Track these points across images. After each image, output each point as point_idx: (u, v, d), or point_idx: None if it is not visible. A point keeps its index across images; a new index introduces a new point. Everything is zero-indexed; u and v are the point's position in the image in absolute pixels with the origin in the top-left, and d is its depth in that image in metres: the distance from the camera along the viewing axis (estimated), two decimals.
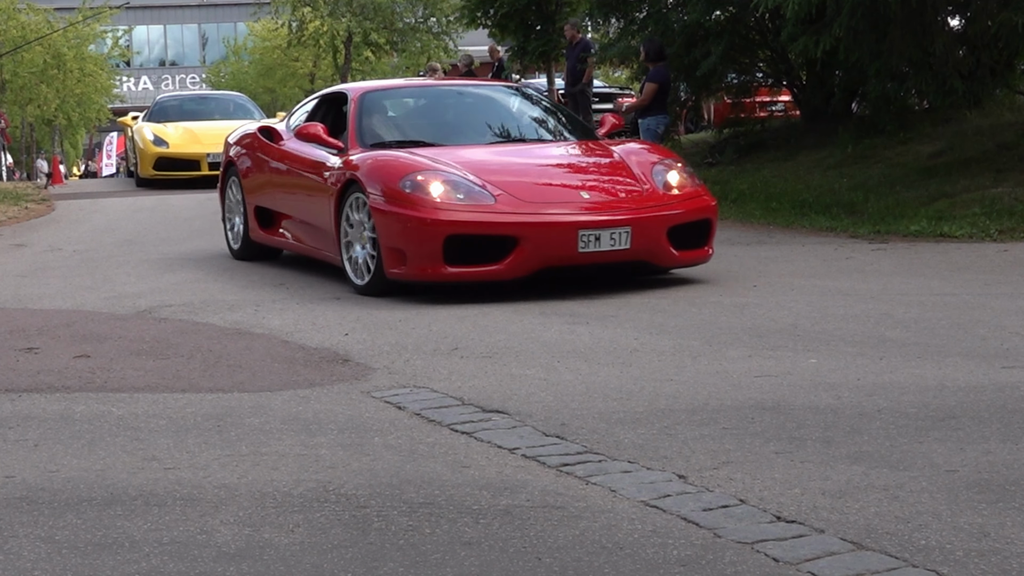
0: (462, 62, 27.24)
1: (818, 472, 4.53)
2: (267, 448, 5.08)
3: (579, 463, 4.75)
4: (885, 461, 4.65)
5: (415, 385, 6.24)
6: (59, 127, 52.57)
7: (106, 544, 3.95)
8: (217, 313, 8.59)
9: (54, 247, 13.49)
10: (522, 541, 3.90)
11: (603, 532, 3.97)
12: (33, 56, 44.68)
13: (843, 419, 5.29)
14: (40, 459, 5.00)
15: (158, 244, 13.54)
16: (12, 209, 18.18)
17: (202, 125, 23.27)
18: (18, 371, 6.79)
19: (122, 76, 60.99)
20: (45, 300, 9.46)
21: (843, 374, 6.19)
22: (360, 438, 5.21)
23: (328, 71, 49.50)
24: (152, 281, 10.44)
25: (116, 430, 5.45)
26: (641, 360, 6.70)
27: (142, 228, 15.40)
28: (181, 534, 4.03)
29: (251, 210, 11.51)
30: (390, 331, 7.75)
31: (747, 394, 5.81)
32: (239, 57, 60.27)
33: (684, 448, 4.91)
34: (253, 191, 11.52)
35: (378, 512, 4.20)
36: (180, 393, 6.21)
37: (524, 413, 5.56)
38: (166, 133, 22.77)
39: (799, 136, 18.26)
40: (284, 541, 3.95)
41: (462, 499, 4.32)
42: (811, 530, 3.92)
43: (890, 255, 10.84)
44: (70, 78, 46.81)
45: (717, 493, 4.33)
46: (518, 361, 6.75)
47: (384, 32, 41.59)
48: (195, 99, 26.80)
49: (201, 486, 4.55)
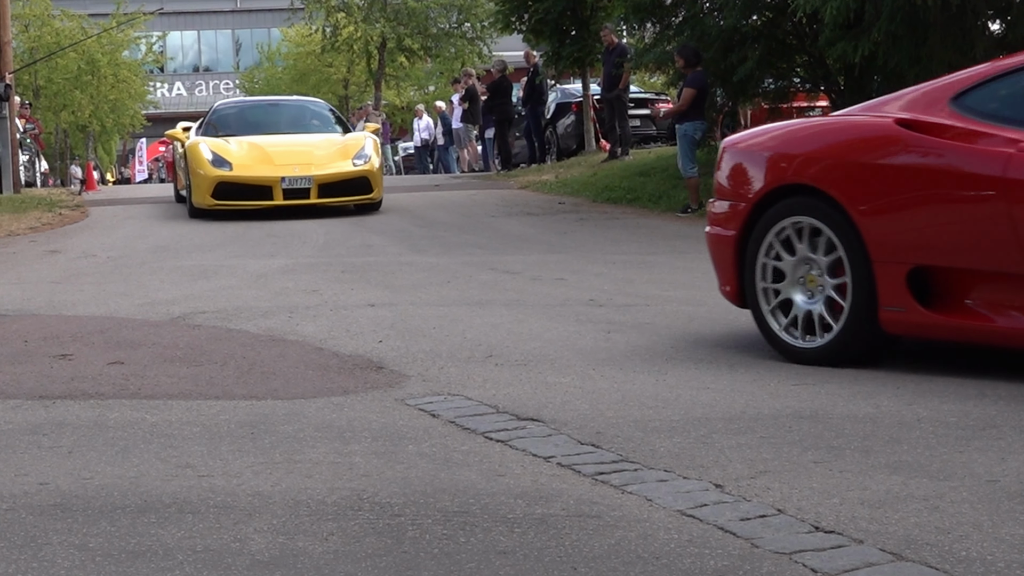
0: (496, 67, 27.28)
1: (857, 482, 4.51)
2: (301, 456, 5.09)
3: (615, 472, 4.74)
4: (925, 471, 4.62)
5: (449, 393, 6.24)
6: (93, 133, 52.88)
7: (140, 552, 3.96)
8: (251, 320, 8.61)
9: (88, 253, 13.56)
10: (557, 550, 3.89)
11: (639, 542, 3.96)
12: (67, 62, 45.06)
13: (882, 428, 5.27)
14: (74, 466, 5.02)
15: (191, 251, 13.60)
16: (46, 215, 18.31)
17: (274, 141, 18.54)
18: (52, 378, 6.83)
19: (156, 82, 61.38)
20: (79, 306, 9.51)
21: (882, 382, 6.16)
22: (394, 446, 5.22)
23: (362, 77, 49.69)
24: (186, 288, 10.48)
25: (150, 437, 5.47)
26: (677, 368, 6.69)
27: (176, 235, 15.48)
28: (215, 542, 4.04)
29: (896, 274, 6.44)
30: (424, 338, 7.76)
31: (784, 402, 5.79)
32: (273, 63, 60.54)
33: (721, 457, 4.90)
34: (899, 237, 6.47)
35: (412, 521, 4.20)
36: (214, 400, 6.22)
37: (559, 421, 5.55)
38: (228, 151, 17.88)
39: None
40: (318, 549, 3.95)
41: (497, 508, 4.32)
42: (850, 540, 3.90)
43: None
44: (104, 84, 47.17)
45: (754, 503, 4.31)
46: (553, 369, 6.74)
47: (418, 38, 41.70)
48: (262, 107, 21.60)
49: (235, 494, 4.56)
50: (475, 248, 13.34)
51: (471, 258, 12.35)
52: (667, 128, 24.25)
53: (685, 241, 13.40)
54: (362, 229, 15.49)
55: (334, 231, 15.33)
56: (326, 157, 17.87)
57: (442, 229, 15.40)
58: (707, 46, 17.11)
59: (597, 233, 14.55)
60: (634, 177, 19.52)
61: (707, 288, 9.56)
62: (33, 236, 15.84)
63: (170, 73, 68.99)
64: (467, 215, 17.35)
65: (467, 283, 10.42)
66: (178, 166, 19.94)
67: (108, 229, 16.65)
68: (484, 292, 9.82)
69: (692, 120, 15.99)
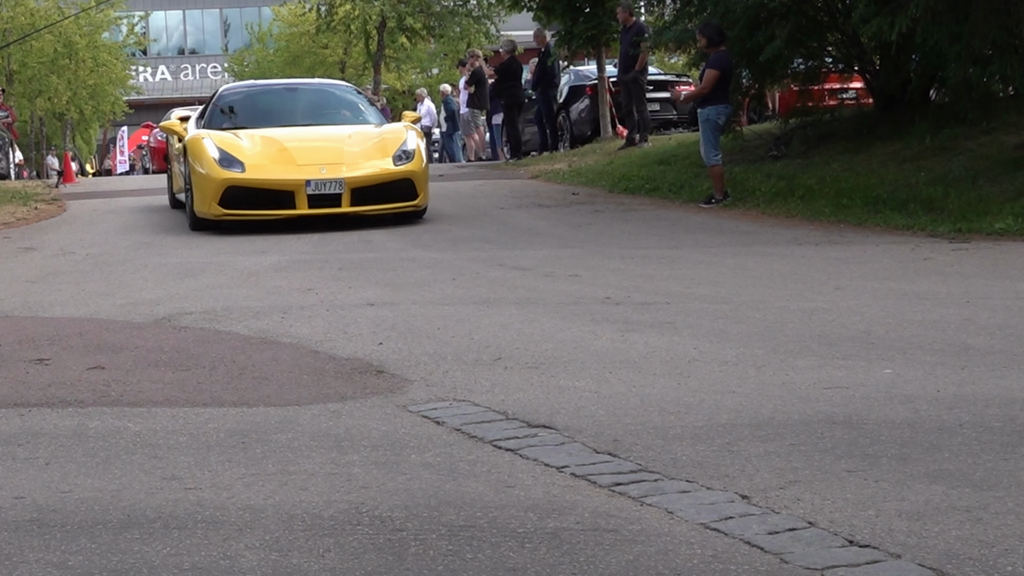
0: (504, 48, 27.28)
1: (894, 492, 4.51)
2: (295, 467, 5.10)
3: (633, 482, 4.75)
4: (967, 480, 4.62)
5: (455, 398, 6.25)
6: (71, 121, 52.98)
7: (123, 570, 3.97)
8: (241, 321, 8.63)
9: (66, 250, 13.60)
10: (571, 567, 3.90)
11: (659, 557, 3.96)
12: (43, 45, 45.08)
13: (921, 434, 5.27)
14: (52, 479, 5.04)
15: (177, 247, 13.62)
16: (21, 210, 18.35)
17: (295, 134, 16.08)
18: (28, 384, 6.84)
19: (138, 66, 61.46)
20: (56, 308, 9.54)
21: (921, 385, 6.16)
22: (395, 456, 5.23)
23: (360, 59, 49.69)
24: (171, 287, 10.51)
25: (133, 447, 5.49)
26: (700, 371, 6.69)
27: (160, 229, 15.50)
28: (203, 559, 4.05)
29: None
30: (428, 340, 7.77)
31: (816, 407, 5.79)
32: (264, 44, 60.57)
33: (747, 466, 4.90)
34: None
35: (415, 536, 4.21)
36: (202, 407, 6.24)
37: (573, 428, 5.56)
38: (239, 148, 15.37)
39: (872, 126, 18.17)
40: (314, 567, 3.96)
41: (506, 522, 4.33)
42: (886, 555, 3.91)
43: (972, 255, 10.78)
44: (82, 68, 47.20)
45: (783, 515, 4.31)
46: (567, 372, 6.75)
47: (420, 16, 41.66)
48: (277, 92, 18.51)
49: (224, 508, 4.58)
50: (482, 243, 13.35)
51: (478, 253, 12.36)
52: (688, 113, 24.25)
53: (708, 234, 13.40)
54: (360, 223, 15.49)
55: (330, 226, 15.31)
56: (360, 155, 15.44)
57: (447, 222, 15.40)
58: (731, 24, 17.09)
59: (614, 226, 14.56)
60: (653, 165, 19.52)
61: (733, 284, 9.57)
62: (6, 232, 15.88)
63: (153, 56, 69.13)
64: (474, 207, 17.35)
65: (474, 280, 10.43)
66: (174, 163, 17.72)
67: (87, 224, 16.69)
68: (492, 290, 9.83)
69: (715, 104, 15.97)
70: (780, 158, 18.08)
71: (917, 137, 16.54)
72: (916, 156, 15.97)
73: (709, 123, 15.92)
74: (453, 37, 42.69)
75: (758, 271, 10.23)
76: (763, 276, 9.95)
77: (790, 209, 14.64)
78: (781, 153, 18.41)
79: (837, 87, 21.63)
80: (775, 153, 18.45)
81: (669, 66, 37.94)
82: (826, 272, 10.10)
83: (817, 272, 10.12)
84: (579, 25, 24.36)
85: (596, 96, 25.62)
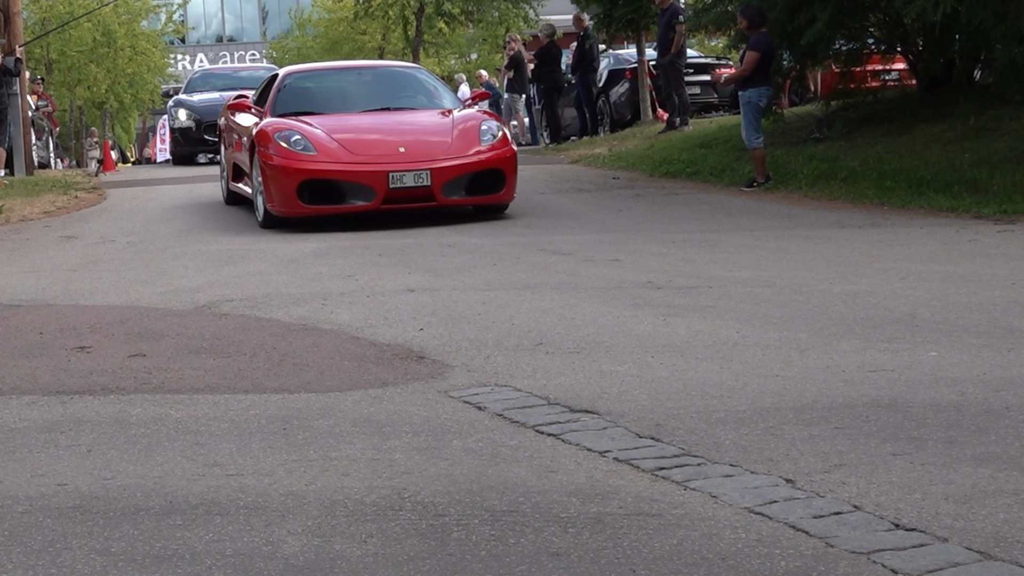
0: (544, 32, 27.22)
1: (940, 475, 4.49)
2: (337, 452, 5.11)
3: (676, 467, 4.74)
4: (1015, 463, 4.59)
5: (496, 384, 6.25)
6: (110, 110, 53.18)
7: (165, 556, 3.99)
8: (282, 308, 8.65)
9: (106, 238, 13.65)
10: (614, 552, 3.90)
11: (703, 542, 3.95)
12: (81, 34, 45.23)
13: (968, 417, 5.24)
14: (94, 466, 5.06)
15: (217, 234, 13.65)
16: (61, 199, 18.42)
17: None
18: (69, 372, 6.88)
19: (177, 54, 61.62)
20: (97, 295, 9.58)
21: (967, 368, 6.13)
22: (437, 441, 5.23)
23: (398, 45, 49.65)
24: (211, 274, 10.54)
25: (174, 434, 5.51)
26: (743, 354, 6.67)
27: (199, 217, 15.54)
28: (245, 545, 4.06)
29: None
30: (468, 325, 7.77)
31: (861, 390, 5.77)
32: (303, 31, 60.63)
33: (792, 450, 4.89)
34: None
35: (457, 521, 4.21)
36: (243, 394, 6.26)
37: (616, 413, 5.55)
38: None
39: (915, 108, 18.07)
40: (356, 553, 3.97)
41: (549, 506, 4.33)
42: (933, 539, 3.89)
43: (1018, 237, 10.71)
44: (121, 57, 47.35)
45: (828, 499, 4.30)
46: (609, 357, 6.74)
47: (458, 1, 41.61)
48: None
49: (266, 494, 4.59)
50: (523, 228, 13.34)
51: (518, 238, 12.35)
52: (729, 95, 24.15)
53: (750, 217, 13.35)
54: None
55: None
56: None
57: None
58: (772, 5, 17.00)
59: (655, 210, 14.52)
60: (694, 149, 19.46)
61: (775, 268, 9.54)
62: (48, 221, 15.96)
63: (192, 44, 69.25)
64: None
65: (514, 265, 10.42)
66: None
67: (127, 212, 16.75)
68: (533, 275, 9.82)
69: (756, 86, 15.89)
70: (822, 140, 17.98)
71: (961, 118, 16.43)
72: (960, 137, 15.87)
73: (750, 105, 15.86)
74: (491, 22, 42.60)
75: (801, 254, 10.18)
76: (806, 259, 9.91)
77: (832, 192, 14.57)
78: (823, 135, 18.31)
79: (880, 68, 21.52)
80: (817, 135, 18.36)
81: (710, 49, 37.79)
82: (869, 255, 10.05)
83: (860, 255, 10.07)
84: (618, 8, 24.27)
85: (636, 80, 25.55)
